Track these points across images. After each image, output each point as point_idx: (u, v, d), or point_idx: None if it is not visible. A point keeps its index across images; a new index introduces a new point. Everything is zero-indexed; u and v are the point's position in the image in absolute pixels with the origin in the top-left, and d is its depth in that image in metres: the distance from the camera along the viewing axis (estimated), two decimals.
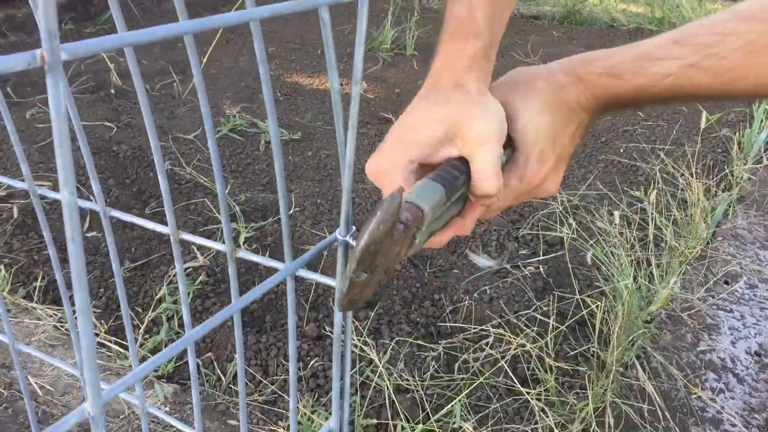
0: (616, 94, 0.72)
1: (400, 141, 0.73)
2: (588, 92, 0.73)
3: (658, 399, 1.48)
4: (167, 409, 1.49)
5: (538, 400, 1.47)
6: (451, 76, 0.72)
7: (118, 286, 0.77)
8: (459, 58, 0.73)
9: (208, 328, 0.63)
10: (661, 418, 1.45)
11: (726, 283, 1.96)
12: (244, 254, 0.75)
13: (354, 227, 0.69)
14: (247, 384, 1.59)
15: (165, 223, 0.70)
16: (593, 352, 1.63)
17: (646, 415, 1.45)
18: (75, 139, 2.35)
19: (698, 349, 1.69)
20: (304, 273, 0.74)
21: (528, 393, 1.48)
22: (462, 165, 0.71)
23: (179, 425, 1.03)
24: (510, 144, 0.75)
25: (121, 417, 1.47)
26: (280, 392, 1.55)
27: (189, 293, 1.79)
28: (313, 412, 1.45)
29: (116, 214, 0.85)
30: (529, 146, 0.73)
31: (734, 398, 1.55)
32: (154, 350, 1.67)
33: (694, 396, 1.56)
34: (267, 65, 0.46)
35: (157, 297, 1.77)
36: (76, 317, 0.50)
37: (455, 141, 0.71)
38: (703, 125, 2.58)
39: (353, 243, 0.68)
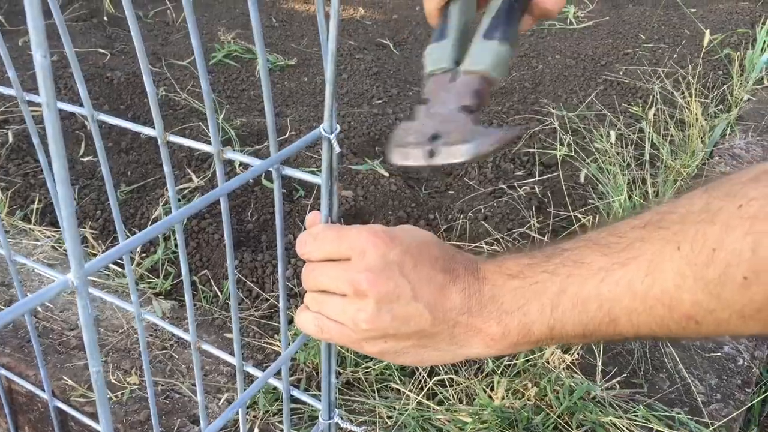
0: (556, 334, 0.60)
1: None
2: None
3: None
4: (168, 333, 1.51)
5: None
6: None
7: (108, 188, 0.77)
8: None
9: (194, 209, 0.63)
10: None
11: None
12: (232, 154, 0.75)
13: (338, 126, 0.69)
14: (243, 300, 1.61)
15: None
16: None
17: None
18: (68, 66, 2.33)
19: None
20: (290, 171, 0.74)
21: None
22: None
23: (175, 330, 1.04)
24: None
25: (120, 331, 1.49)
26: (276, 309, 1.58)
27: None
28: None
29: (103, 117, 0.85)
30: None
31: None
32: (151, 270, 1.69)
33: None
34: None
35: (153, 216, 1.78)
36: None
37: None
38: (705, 44, 2.54)
39: (336, 145, 0.68)
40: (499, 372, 1.32)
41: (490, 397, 1.28)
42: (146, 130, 0.79)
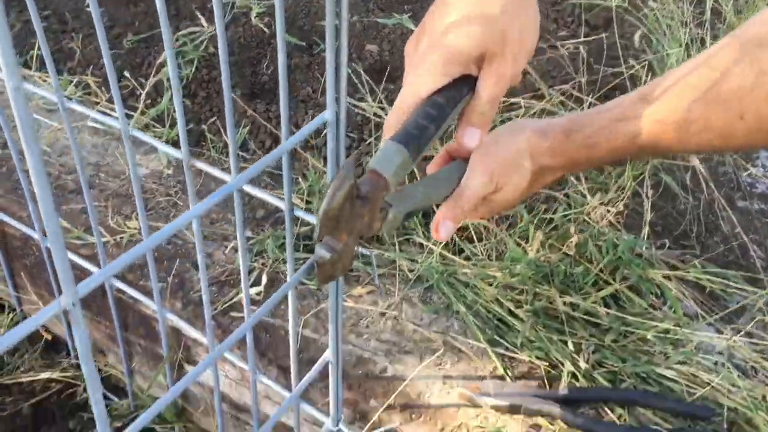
0: (591, 158, 0.80)
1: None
2: (561, 162, 0.82)
3: (703, 171, 1.34)
4: (170, 172, 1.39)
5: None
6: None
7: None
8: None
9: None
10: (704, 189, 1.32)
11: None
12: None
13: None
14: (255, 152, 1.48)
15: None
16: None
17: (688, 184, 1.32)
18: None
19: None
20: None
21: None
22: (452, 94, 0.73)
23: (166, 149, 0.91)
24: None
25: (122, 177, 1.38)
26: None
27: (193, 59, 1.65)
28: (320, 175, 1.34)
29: None
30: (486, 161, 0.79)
31: None
32: (157, 119, 1.56)
33: (745, 174, 1.42)
34: None
35: (159, 61, 1.63)
36: None
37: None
38: None
39: None
40: (534, 224, 1.19)
41: (524, 250, 1.15)
42: None
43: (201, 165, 0.89)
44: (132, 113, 1.53)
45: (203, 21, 1.77)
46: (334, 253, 0.67)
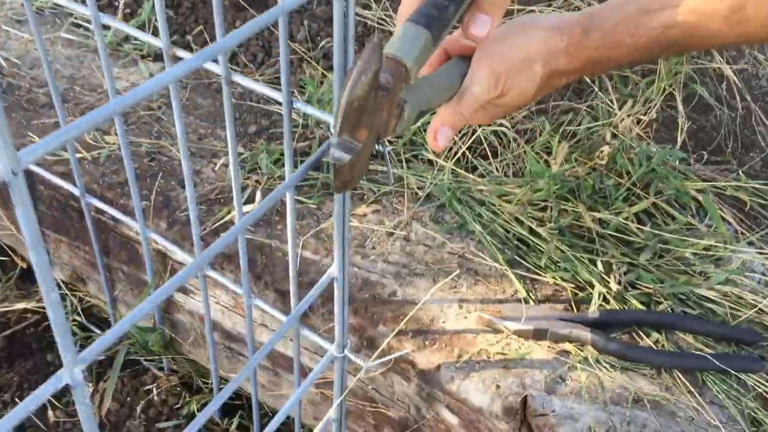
0: (610, 59, 0.70)
1: None
2: (577, 64, 0.70)
3: (738, 82, 1.23)
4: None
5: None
6: None
7: None
8: None
9: None
10: (739, 100, 1.21)
11: None
12: None
13: None
14: (246, 65, 1.35)
15: None
16: None
17: (723, 95, 1.21)
18: None
19: None
20: None
21: None
22: None
23: (143, 37, 0.79)
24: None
25: (99, 91, 1.25)
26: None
27: None
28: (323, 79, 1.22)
29: None
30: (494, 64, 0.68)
31: None
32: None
33: None
34: None
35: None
36: None
37: None
38: None
39: None
40: (557, 137, 1.07)
41: (546, 163, 1.04)
42: None
43: (182, 53, 0.77)
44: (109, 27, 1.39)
45: None
46: (353, 154, 0.56)
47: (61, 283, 1.24)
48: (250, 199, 1.03)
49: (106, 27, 1.40)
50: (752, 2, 0.63)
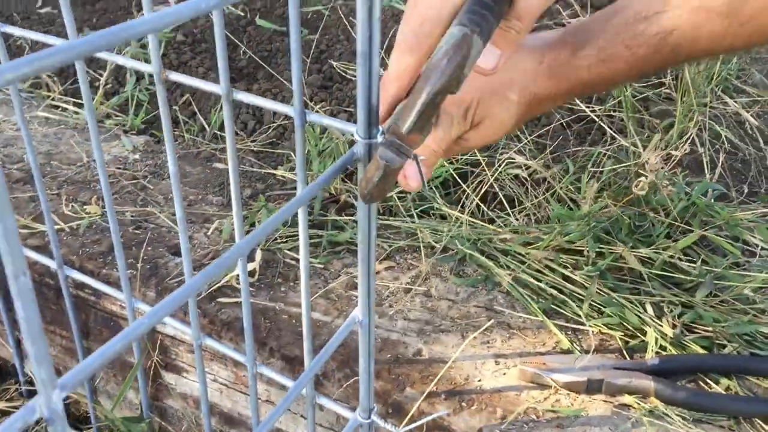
0: (604, 77, 0.62)
1: None
2: (565, 87, 0.63)
3: (759, 125, 1.17)
4: (137, 157, 1.18)
5: None
6: None
7: None
8: None
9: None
10: (762, 142, 1.14)
11: None
12: None
13: None
14: (237, 134, 1.28)
15: None
16: None
17: (743, 135, 1.14)
18: None
19: None
20: None
21: None
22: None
23: (139, 64, 0.71)
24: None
25: (79, 164, 1.16)
26: (275, 139, 1.24)
27: (161, 41, 1.45)
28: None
29: None
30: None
31: None
32: (120, 108, 1.35)
33: None
34: None
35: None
36: None
37: None
38: None
39: None
40: (585, 177, 0.99)
41: (572, 206, 0.95)
42: None
43: (175, 77, 0.68)
44: (85, 105, 1.32)
45: (172, 3, 1.58)
46: (403, 159, 0.47)
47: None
48: (251, 258, 0.92)
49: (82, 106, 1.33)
50: None
